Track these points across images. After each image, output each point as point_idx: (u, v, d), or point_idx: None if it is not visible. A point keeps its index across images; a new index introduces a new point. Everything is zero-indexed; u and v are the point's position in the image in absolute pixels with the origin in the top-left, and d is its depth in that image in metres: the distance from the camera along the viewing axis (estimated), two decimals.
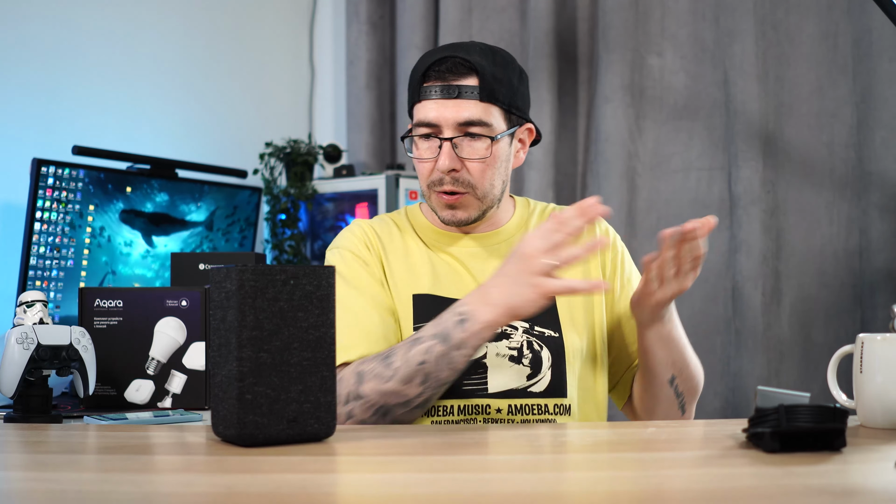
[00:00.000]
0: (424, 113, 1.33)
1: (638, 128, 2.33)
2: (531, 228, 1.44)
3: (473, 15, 2.55)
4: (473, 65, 1.32)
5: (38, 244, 1.89)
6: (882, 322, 2.06)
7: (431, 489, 0.83)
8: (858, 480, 0.85)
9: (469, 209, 1.36)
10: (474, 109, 1.31)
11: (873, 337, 1.12)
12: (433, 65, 1.33)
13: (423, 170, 1.36)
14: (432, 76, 1.33)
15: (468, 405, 1.32)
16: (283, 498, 0.78)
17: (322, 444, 1.03)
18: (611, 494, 0.81)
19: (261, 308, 0.98)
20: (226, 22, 2.59)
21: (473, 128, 1.32)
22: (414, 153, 1.37)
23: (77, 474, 0.92)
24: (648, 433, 1.13)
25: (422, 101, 1.34)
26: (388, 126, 2.75)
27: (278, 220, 2.48)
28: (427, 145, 1.35)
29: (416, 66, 1.37)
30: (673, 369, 1.35)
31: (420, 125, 1.34)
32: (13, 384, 1.37)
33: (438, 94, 1.32)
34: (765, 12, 2.22)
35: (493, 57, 1.34)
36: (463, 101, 1.31)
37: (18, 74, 2.09)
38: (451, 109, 1.31)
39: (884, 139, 2.11)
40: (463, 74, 1.32)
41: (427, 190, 1.38)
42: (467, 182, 1.34)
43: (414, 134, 1.36)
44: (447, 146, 1.32)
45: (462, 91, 1.31)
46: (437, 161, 1.32)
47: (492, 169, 1.35)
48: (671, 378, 1.36)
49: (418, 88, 1.34)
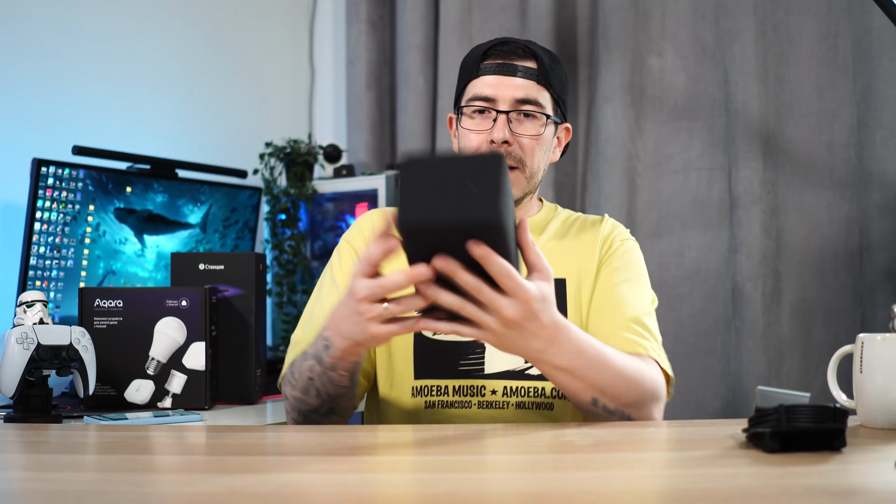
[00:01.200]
0: (481, 88, 1.38)
1: (638, 128, 2.33)
2: (547, 232, 1.46)
3: (473, 15, 2.55)
4: (533, 50, 1.39)
5: (38, 244, 1.89)
6: (882, 322, 2.06)
7: (431, 489, 0.83)
8: (858, 480, 0.85)
9: (515, 186, 1.39)
10: (531, 89, 1.37)
11: (873, 337, 1.12)
12: (494, 45, 1.39)
13: (472, 142, 1.39)
14: (493, 55, 1.39)
15: (463, 386, 1.33)
16: (283, 498, 0.78)
17: (321, 443, 1.03)
18: (611, 494, 0.81)
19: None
20: (226, 22, 2.59)
21: (528, 106, 1.37)
22: (465, 126, 1.40)
23: (77, 474, 0.92)
24: (648, 433, 1.13)
25: (480, 76, 1.39)
26: (388, 126, 2.75)
27: (278, 220, 2.48)
28: (480, 119, 1.39)
29: (472, 52, 1.43)
30: (591, 392, 1.18)
31: (476, 99, 1.39)
32: (13, 384, 1.38)
33: (499, 70, 1.38)
34: (765, 12, 2.22)
35: (548, 52, 1.43)
36: (521, 80, 1.37)
37: (18, 74, 2.09)
38: (509, 86, 1.37)
39: (884, 139, 2.11)
40: (522, 57, 1.39)
41: None
42: (518, 157, 1.38)
43: (467, 107, 1.39)
44: (502, 118, 1.37)
45: (521, 70, 1.38)
46: (493, 132, 1.36)
47: (540, 150, 1.40)
48: (593, 400, 1.19)
49: (476, 66, 1.39)
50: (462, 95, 1.43)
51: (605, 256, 1.44)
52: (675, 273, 2.27)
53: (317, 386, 1.21)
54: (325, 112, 2.85)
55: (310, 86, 2.83)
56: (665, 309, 2.21)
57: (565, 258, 1.42)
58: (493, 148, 1.37)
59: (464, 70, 1.43)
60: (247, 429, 1.27)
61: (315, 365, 1.20)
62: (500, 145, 1.36)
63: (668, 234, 2.30)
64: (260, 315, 1.78)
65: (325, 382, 1.21)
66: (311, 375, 1.21)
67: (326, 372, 1.19)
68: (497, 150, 1.35)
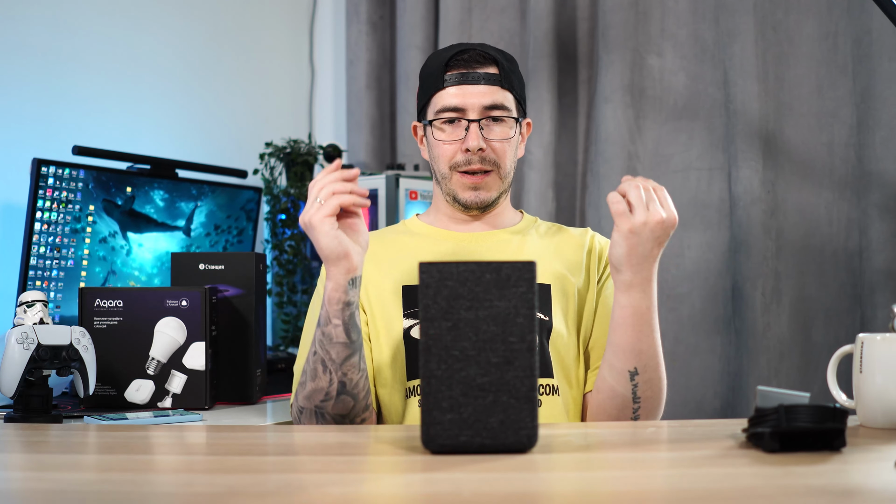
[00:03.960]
0: (448, 99, 1.43)
1: (638, 128, 2.33)
2: (530, 238, 1.51)
3: (473, 15, 2.55)
4: (492, 55, 1.45)
5: (38, 244, 1.89)
6: (882, 322, 2.06)
7: (431, 489, 0.83)
8: (858, 480, 0.85)
9: (491, 189, 1.45)
10: (496, 94, 1.43)
11: (873, 337, 1.12)
12: (454, 56, 1.43)
13: (446, 152, 1.44)
14: (456, 65, 1.43)
15: None
16: (283, 498, 0.78)
17: (321, 443, 1.03)
18: (611, 494, 0.81)
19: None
20: (226, 22, 2.59)
21: (496, 111, 1.43)
22: (437, 137, 1.44)
23: (77, 474, 0.92)
24: (648, 433, 1.14)
25: (445, 88, 1.43)
26: (388, 126, 2.75)
27: (278, 220, 2.49)
28: (451, 129, 1.44)
29: (431, 62, 1.47)
30: (637, 360, 1.32)
31: (445, 110, 1.43)
32: (13, 384, 1.38)
33: (463, 80, 1.42)
34: (765, 12, 2.22)
35: (503, 54, 1.48)
36: (486, 87, 1.43)
37: (18, 74, 2.09)
38: (476, 94, 1.42)
39: (884, 139, 2.11)
40: (484, 64, 1.44)
41: (449, 172, 1.45)
42: (493, 160, 1.43)
43: (436, 119, 1.44)
44: (474, 127, 1.41)
45: (485, 78, 1.43)
46: (466, 141, 1.41)
47: (511, 150, 1.46)
48: (633, 370, 1.32)
49: (440, 77, 1.43)
50: (427, 106, 1.47)
51: (606, 273, 1.49)
52: (675, 273, 2.27)
53: (321, 357, 1.26)
54: (325, 112, 2.85)
55: (310, 86, 2.83)
56: (665, 309, 2.21)
57: (550, 262, 1.47)
58: (469, 157, 1.42)
59: (426, 81, 1.47)
60: (247, 429, 1.27)
61: (317, 332, 1.26)
62: (475, 153, 1.41)
63: None
64: (260, 315, 1.78)
65: (325, 347, 1.25)
66: (315, 349, 1.26)
67: (324, 331, 1.25)
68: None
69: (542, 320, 1.41)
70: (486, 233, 1.49)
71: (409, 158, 2.63)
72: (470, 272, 0.95)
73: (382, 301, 1.42)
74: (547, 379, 1.38)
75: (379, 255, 1.46)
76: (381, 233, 1.56)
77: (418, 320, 1.08)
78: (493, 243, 1.48)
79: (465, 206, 1.46)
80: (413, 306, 1.40)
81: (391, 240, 1.51)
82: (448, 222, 1.51)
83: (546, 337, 1.40)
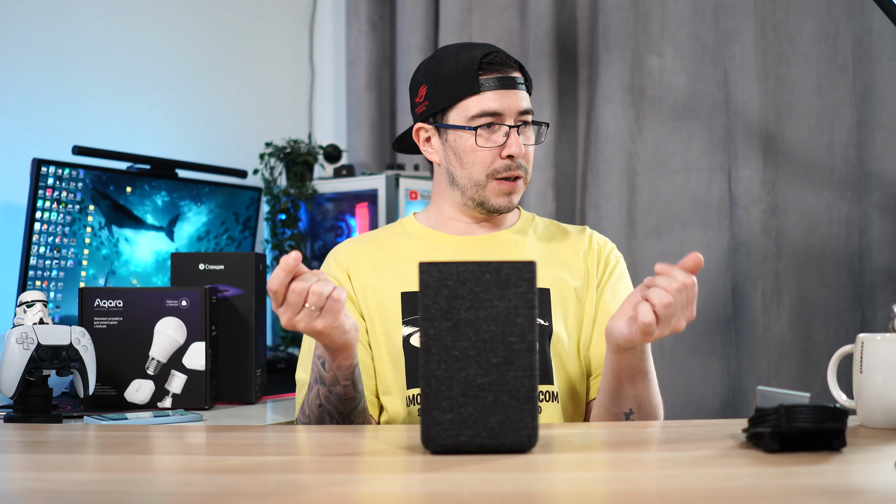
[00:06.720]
0: (487, 104, 1.39)
1: (638, 128, 2.33)
2: (529, 237, 1.49)
3: (473, 15, 2.55)
4: (516, 60, 1.43)
5: (38, 244, 1.89)
6: (882, 322, 2.06)
7: (431, 489, 0.83)
8: (858, 480, 0.85)
9: (520, 194, 1.45)
10: (526, 99, 1.42)
11: (873, 337, 1.12)
12: (485, 58, 1.39)
13: (484, 159, 1.40)
14: (489, 68, 1.39)
15: None
16: (282, 498, 0.78)
17: (321, 443, 1.03)
18: (611, 494, 0.81)
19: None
20: (226, 22, 2.59)
21: (527, 116, 1.42)
22: (478, 144, 1.40)
23: (77, 474, 0.92)
24: (648, 433, 1.13)
25: (482, 92, 1.39)
26: (388, 126, 2.75)
27: (278, 220, 2.49)
28: (487, 134, 1.40)
29: (451, 63, 1.41)
30: (633, 404, 1.28)
31: (484, 115, 1.39)
32: (13, 384, 1.38)
33: (500, 84, 1.39)
34: (765, 12, 2.22)
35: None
36: (519, 92, 1.41)
37: (18, 74, 2.09)
38: (512, 99, 1.39)
39: (884, 139, 2.11)
40: (513, 67, 1.42)
41: (485, 179, 1.41)
42: (524, 167, 1.42)
43: (478, 125, 1.39)
44: (515, 133, 1.39)
45: (517, 82, 1.41)
46: (508, 147, 1.39)
47: (532, 154, 1.46)
48: (628, 412, 1.29)
49: (474, 81, 1.39)
50: (450, 109, 1.41)
51: (605, 276, 1.46)
52: None
53: (328, 409, 1.24)
54: (325, 112, 2.85)
55: (310, 86, 2.83)
56: None
57: (549, 266, 1.44)
58: (509, 163, 1.39)
59: (454, 83, 1.39)
60: (247, 429, 1.27)
61: (320, 388, 1.23)
62: (516, 158, 1.40)
63: (667, 234, 2.30)
64: (260, 315, 1.78)
65: (333, 402, 1.23)
66: (320, 402, 1.24)
67: (331, 389, 1.22)
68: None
69: (542, 325, 1.38)
70: (485, 236, 1.47)
71: (408, 158, 2.63)
72: (470, 272, 0.95)
73: (382, 308, 1.40)
74: (547, 385, 1.37)
75: (377, 261, 1.44)
76: (379, 234, 1.52)
77: (418, 328, 1.07)
78: (490, 248, 1.46)
79: (492, 212, 1.43)
80: (412, 313, 1.38)
81: (389, 244, 1.47)
82: (451, 224, 1.47)
83: (547, 342, 1.38)
